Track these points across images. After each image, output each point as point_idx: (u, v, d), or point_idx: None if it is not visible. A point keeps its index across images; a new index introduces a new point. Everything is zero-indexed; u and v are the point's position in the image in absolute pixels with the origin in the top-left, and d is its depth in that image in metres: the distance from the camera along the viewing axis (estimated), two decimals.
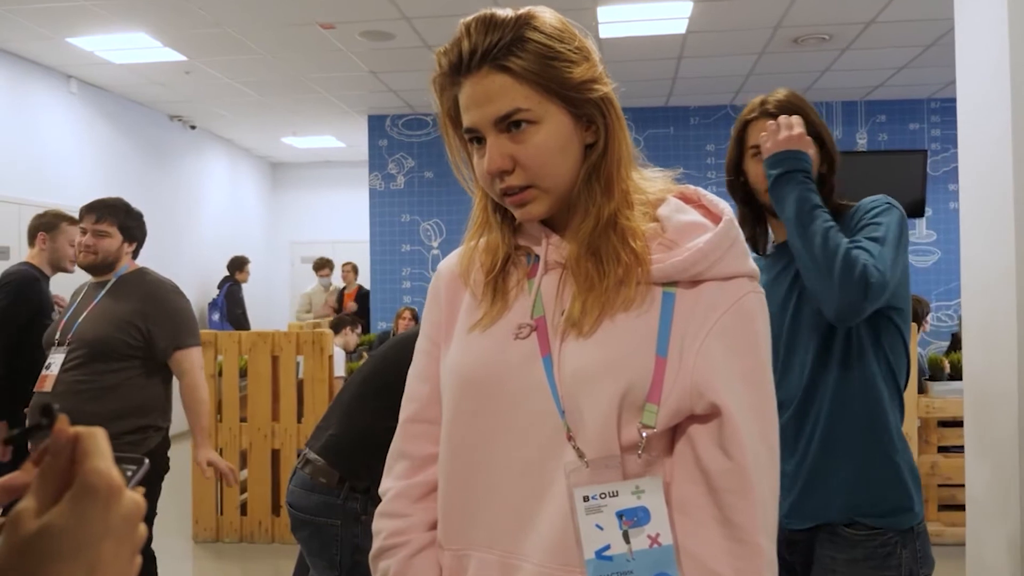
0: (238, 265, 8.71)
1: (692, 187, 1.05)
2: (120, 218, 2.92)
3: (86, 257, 2.89)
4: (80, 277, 3.12)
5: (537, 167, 0.94)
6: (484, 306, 1.02)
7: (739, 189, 1.85)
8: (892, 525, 1.64)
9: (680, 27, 5.58)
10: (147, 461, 0.59)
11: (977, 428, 2.70)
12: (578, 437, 0.92)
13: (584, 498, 0.91)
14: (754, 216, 1.87)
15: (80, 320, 2.82)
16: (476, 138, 0.96)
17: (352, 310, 8.24)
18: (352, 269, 8.80)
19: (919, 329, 5.01)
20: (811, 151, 1.71)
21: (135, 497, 0.53)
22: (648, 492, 0.91)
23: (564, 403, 0.93)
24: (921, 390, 4.48)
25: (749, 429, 0.90)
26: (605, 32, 5.63)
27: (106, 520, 0.51)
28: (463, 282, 1.07)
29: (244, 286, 8.76)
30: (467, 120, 0.95)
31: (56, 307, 3.63)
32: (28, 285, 3.51)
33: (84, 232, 2.91)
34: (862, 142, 7.72)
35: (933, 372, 4.67)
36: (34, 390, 2.77)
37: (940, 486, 4.49)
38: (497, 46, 0.91)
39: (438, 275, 1.12)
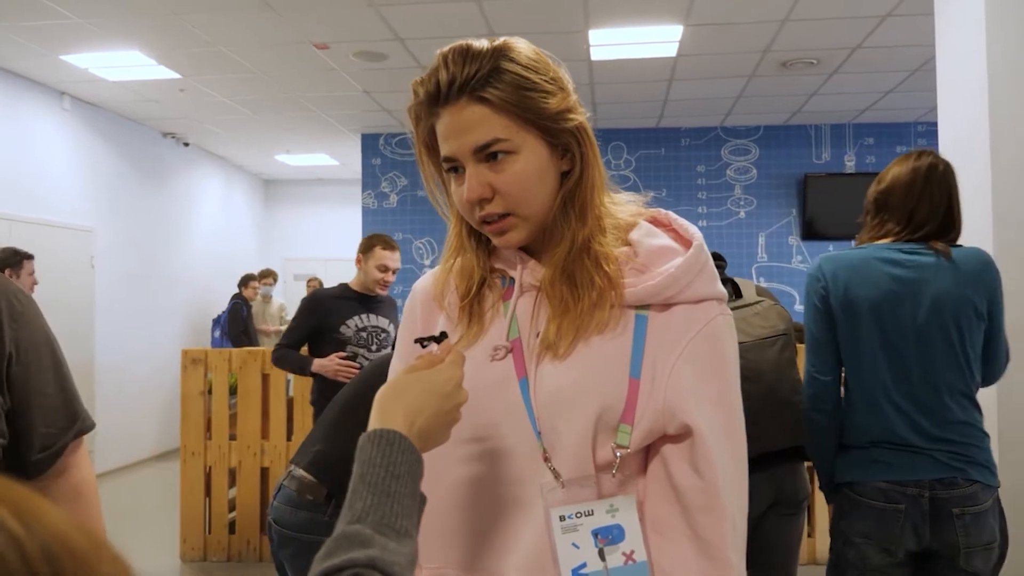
0: (243, 282, 8.36)
1: (664, 211, 1.06)
2: None
3: None
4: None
5: (516, 195, 0.95)
6: (460, 329, 1.04)
7: None
8: None
9: (671, 50, 5.65)
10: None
11: None
12: (554, 458, 0.93)
13: (560, 517, 0.92)
14: None
15: None
16: (454, 167, 0.97)
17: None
18: (319, 286, 8.49)
19: None
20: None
21: (465, 394, 0.90)
22: (622, 510, 0.93)
23: (540, 424, 0.94)
24: None
25: (720, 449, 0.92)
26: (596, 55, 5.69)
27: (457, 388, 0.90)
28: (438, 304, 1.09)
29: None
30: (446, 149, 0.96)
31: (352, 329, 3.81)
32: (310, 302, 3.96)
33: None
34: (850, 164, 7.79)
35: None
36: None
37: None
38: (475, 77, 0.92)
39: (414, 294, 1.14)
